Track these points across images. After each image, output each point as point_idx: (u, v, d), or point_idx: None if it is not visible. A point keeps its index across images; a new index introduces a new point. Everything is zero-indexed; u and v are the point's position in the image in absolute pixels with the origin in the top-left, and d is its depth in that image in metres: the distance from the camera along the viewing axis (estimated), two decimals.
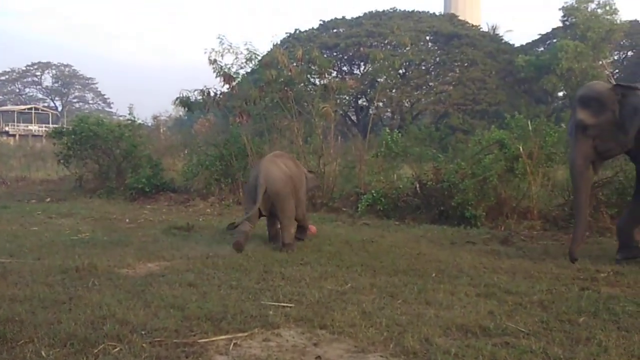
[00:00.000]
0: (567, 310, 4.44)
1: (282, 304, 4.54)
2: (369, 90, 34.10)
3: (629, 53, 39.82)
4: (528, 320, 4.22)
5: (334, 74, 34.93)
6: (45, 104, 66.28)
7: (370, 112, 31.28)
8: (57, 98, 70.93)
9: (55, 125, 32.79)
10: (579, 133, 6.56)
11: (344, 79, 29.94)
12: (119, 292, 4.86)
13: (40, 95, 70.55)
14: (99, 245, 7.18)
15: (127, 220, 9.95)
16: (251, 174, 7.50)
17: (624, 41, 37.22)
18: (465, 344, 3.71)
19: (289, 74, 12.85)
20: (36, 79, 69.95)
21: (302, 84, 14.05)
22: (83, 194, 14.22)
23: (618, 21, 32.52)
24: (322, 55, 17.01)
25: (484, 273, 5.82)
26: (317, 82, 16.53)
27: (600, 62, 32.47)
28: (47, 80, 70.11)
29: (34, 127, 50.88)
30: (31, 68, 68.37)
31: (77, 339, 3.69)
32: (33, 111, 55.71)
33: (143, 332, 3.85)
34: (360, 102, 36.77)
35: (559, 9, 33.70)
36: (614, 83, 6.74)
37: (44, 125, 50.13)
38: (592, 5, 32.41)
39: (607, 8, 32.12)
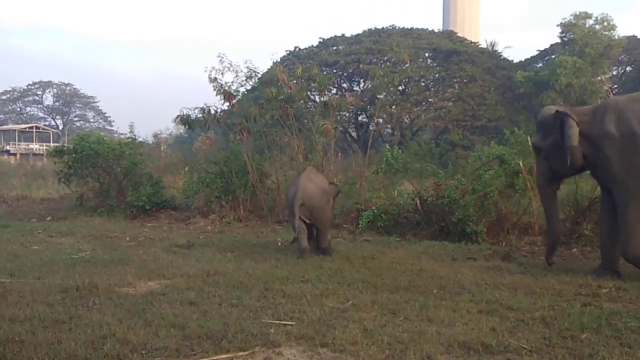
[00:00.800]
0: (569, 327, 4.42)
1: (283, 322, 4.53)
2: (368, 107, 34.18)
3: (628, 68, 39.99)
4: (530, 336, 4.20)
5: (334, 91, 35.10)
6: (47, 123, 66.60)
7: (370, 128, 31.38)
8: (58, 117, 71.23)
9: (56, 144, 32.84)
10: (536, 154, 7.48)
11: (343, 96, 30.04)
12: (120, 311, 4.85)
13: (41, 114, 70.94)
14: (100, 264, 7.16)
15: (128, 238, 9.93)
16: (290, 190, 8.30)
17: (622, 57, 37.40)
18: None
19: (289, 91, 12.91)
20: (37, 98, 70.36)
21: (302, 101, 14.10)
22: (84, 213, 14.20)
23: (616, 37, 32.72)
24: (322, 72, 17.09)
25: (486, 289, 5.80)
26: (317, 99, 16.62)
27: (599, 78, 32.61)
28: (48, 99, 70.59)
29: (35, 146, 51.03)
30: (32, 87, 68.78)
31: (78, 359, 3.69)
32: (34, 130, 55.94)
33: (143, 352, 3.83)
34: (360, 118, 36.88)
35: (557, 25, 33.92)
36: (557, 109, 7.12)
37: (45, 144, 50.26)
38: (590, 22, 32.62)
39: (605, 24, 32.32)
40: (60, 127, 66.71)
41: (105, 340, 4.05)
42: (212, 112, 13.20)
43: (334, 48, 39.62)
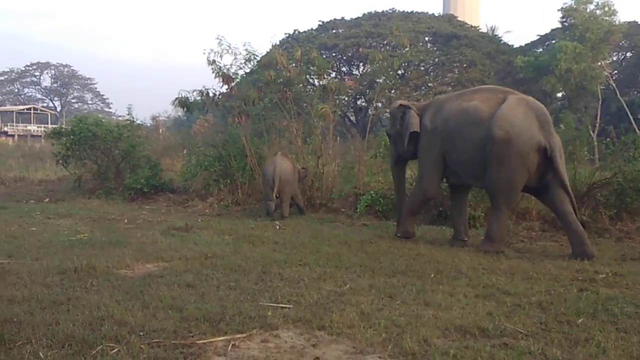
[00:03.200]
0: (565, 312, 4.44)
1: (281, 305, 4.54)
2: (367, 91, 34.04)
3: (628, 54, 39.83)
4: (527, 321, 4.22)
5: (333, 74, 34.95)
6: (44, 104, 66.27)
7: (369, 112, 31.27)
8: (56, 98, 70.90)
9: (54, 126, 32.74)
10: (389, 140, 9.11)
11: (342, 80, 29.94)
12: (118, 293, 4.86)
13: (39, 96, 70.57)
14: (98, 246, 7.17)
15: (126, 220, 9.94)
16: (267, 168, 10.53)
17: (622, 42, 37.20)
18: (463, 345, 3.70)
19: (288, 74, 12.85)
20: (35, 79, 69.94)
21: (301, 85, 14.04)
22: (82, 195, 14.21)
23: (617, 22, 32.49)
24: (321, 56, 17.01)
25: (483, 274, 5.82)
26: (316, 82, 16.55)
27: (599, 63, 32.43)
28: (46, 80, 70.15)
29: (32, 128, 50.85)
30: (30, 68, 68.35)
31: (76, 340, 3.69)
32: (32, 111, 55.65)
33: (141, 333, 3.84)
34: (359, 102, 36.75)
35: (558, 10, 33.63)
36: (401, 102, 8.75)
37: (42, 125, 50.10)
38: (591, 7, 32.37)
39: (606, 9, 32.08)
40: (59, 109, 66.44)
41: (103, 321, 4.06)
42: (211, 95, 13.14)
43: (334, 31, 39.39)
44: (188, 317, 4.19)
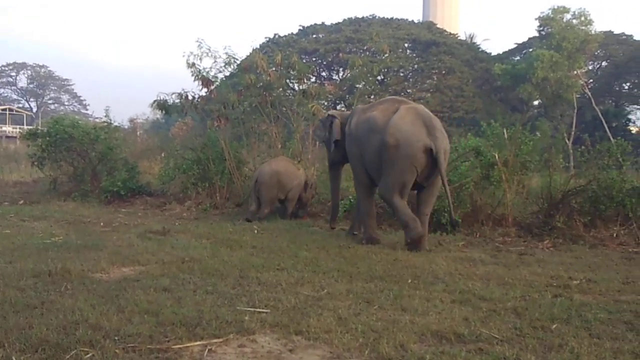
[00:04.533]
0: (540, 317, 4.49)
1: (258, 310, 4.52)
2: (347, 96, 34.17)
3: (603, 63, 40.52)
4: (502, 326, 4.26)
5: (313, 79, 35.01)
6: (20, 105, 65.36)
7: None
8: (32, 99, 69.99)
9: (29, 127, 32.29)
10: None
11: (322, 85, 29.99)
12: (93, 297, 4.80)
13: (14, 96, 69.59)
14: (73, 249, 7.08)
15: (102, 223, 9.84)
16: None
17: (598, 52, 37.84)
18: (439, 351, 3.73)
19: (268, 78, 12.84)
20: (11, 80, 68.97)
21: (280, 89, 14.04)
22: (57, 197, 14.03)
23: (593, 32, 33.04)
24: (301, 60, 17.04)
25: (459, 279, 5.86)
26: (296, 87, 16.55)
27: (575, 72, 32.94)
28: (22, 80, 69.24)
29: (7, 128, 50.04)
30: (6, 68, 67.41)
31: (49, 344, 3.64)
32: (7, 112, 54.82)
33: (116, 338, 3.80)
34: (338, 107, 36.85)
35: (535, 19, 34.16)
36: (329, 112, 9.61)
37: (18, 126, 49.34)
38: (568, 16, 32.89)
39: (582, 19, 32.62)
40: (34, 110, 65.57)
41: (78, 325, 4.01)
42: (190, 98, 13.09)
43: (314, 36, 39.56)
44: (164, 321, 4.16)
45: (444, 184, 7.84)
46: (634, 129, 36.41)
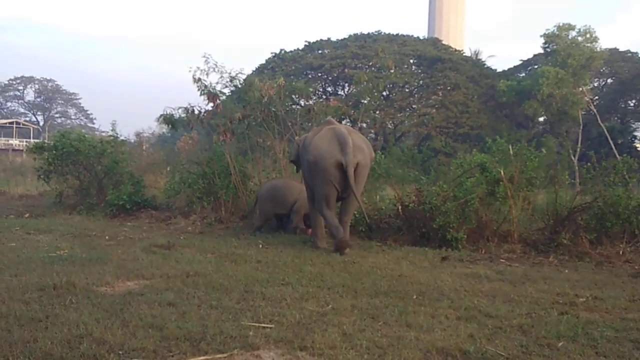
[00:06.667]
0: (546, 335, 4.46)
1: (262, 325, 4.51)
2: (352, 112, 34.28)
3: (609, 80, 40.61)
4: (508, 344, 4.23)
5: (314, 98, 35.21)
6: (27, 119, 65.88)
7: None
8: (39, 113, 70.49)
9: (36, 140, 32.47)
10: None
11: (328, 100, 30.10)
12: (97, 311, 4.80)
13: (22, 110, 70.17)
14: (78, 263, 7.08)
15: (107, 237, 9.85)
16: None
17: (603, 69, 37.95)
18: None
19: (272, 96, 12.88)
20: (18, 93, 69.56)
21: (285, 106, 14.07)
22: (62, 210, 14.06)
23: (598, 49, 33.15)
24: (307, 76, 17.13)
25: (465, 296, 5.83)
26: (301, 102, 16.66)
27: (580, 89, 33.00)
28: (30, 94, 69.84)
29: (14, 142, 50.39)
30: (14, 82, 68.00)
31: (53, 358, 3.64)
32: (14, 125, 55.25)
33: (120, 352, 3.80)
34: (343, 122, 36.90)
35: (541, 36, 34.29)
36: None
37: (25, 139, 49.71)
38: (573, 33, 33.02)
39: (588, 36, 32.74)
40: (41, 123, 66.03)
41: (82, 339, 4.01)
42: (196, 112, 13.15)
43: (320, 52, 39.73)
44: (168, 336, 4.15)
45: (354, 195, 8.76)
46: (639, 146, 36.33)
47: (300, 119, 13.49)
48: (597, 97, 38.30)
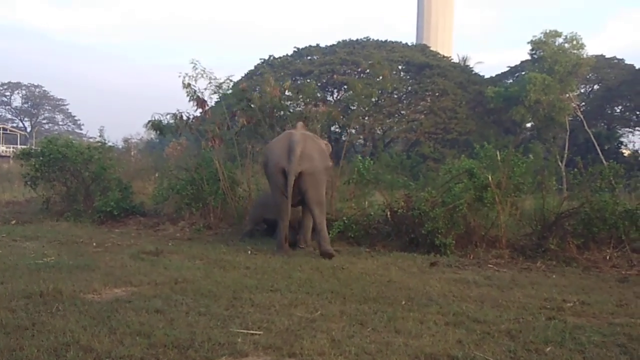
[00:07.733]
0: (534, 340, 4.48)
1: (251, 332, 4.50)
2: (341, 117, 34.35)
3: (595, 87, 40.99)
4: (496, 349, 4.25)
5: (302, 105, 35.28)
6: (14, 125, 65.36)
7: (343, 138, 31.47)
8: (26, 119, 69.97)
9: (23, 146, 32.22)
10: None
11: (317, 105, 30.12)
12: (84, 318, 4.77)
13: (9, 116, 69.60)
14: (65, 270, 7.03)
15: (95, 244, 9.78)
16: None
17: (590, 75, 38.30)
18: None
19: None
20: (5, 99, 69.03)
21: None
22: (50, 217, 13.94)
23: (584, 55, 33.46)
24: (296, 83, 17.16)
25: (453, 301, 5.85)
26: (290, 109, 16.63)
27: (567, 95, 33.28)
28: (17, 100, 69.32)
29: (1, 148, 50.07)
30: (1, 88, 67.47)
31: None
32: (1, 131, 54.83)
33: None
34: (332, 128, 36.97)
35: (528, 43, 34.57)
36: None
37: (12, 146, 49.28)
38: (560, 40, 33.32)
39: (574, 43, 33.04)
40: (29, 129, 65.50)
41: (69, 347, 3.98)
42: (184, 118, 13.10)
43: (309, 58, 39.77)
44: (156, 343, 4.13)
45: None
46: (626, 152, 36.67)
47: (291, 125, 13.47)
48: (583, 104, 38.67)
